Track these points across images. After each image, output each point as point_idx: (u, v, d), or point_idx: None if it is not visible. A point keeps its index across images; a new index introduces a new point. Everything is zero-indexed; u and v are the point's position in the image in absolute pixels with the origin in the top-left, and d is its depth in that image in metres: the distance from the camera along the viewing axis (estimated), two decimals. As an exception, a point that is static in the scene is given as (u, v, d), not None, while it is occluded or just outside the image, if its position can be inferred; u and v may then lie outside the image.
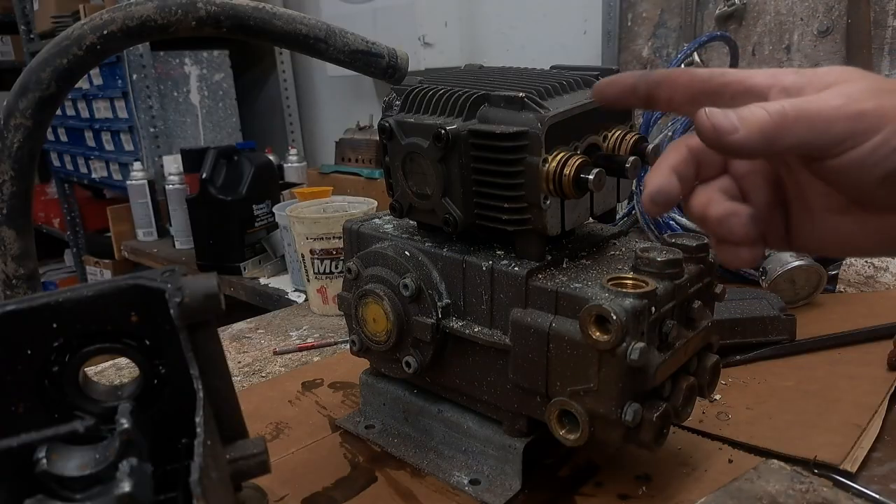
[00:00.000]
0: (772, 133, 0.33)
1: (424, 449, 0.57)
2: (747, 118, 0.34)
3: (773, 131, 0.33)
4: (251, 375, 0.77)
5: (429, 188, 0.50)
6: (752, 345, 0.72)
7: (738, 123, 0.33)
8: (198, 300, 0.29)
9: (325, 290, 0.96)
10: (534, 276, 0.47)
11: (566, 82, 0.50)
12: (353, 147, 2.00)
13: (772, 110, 0.33)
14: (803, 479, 0.50)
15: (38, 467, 0.26)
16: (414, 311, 0.52)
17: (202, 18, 0.47)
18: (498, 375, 0.50)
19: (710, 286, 0.51)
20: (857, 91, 0.34)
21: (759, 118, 0.33)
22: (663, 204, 0.38)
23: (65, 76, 0.44)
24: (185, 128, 2.32)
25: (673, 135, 1.12)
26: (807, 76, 0.36)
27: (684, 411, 0.48)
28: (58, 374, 0.29)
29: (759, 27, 1.30)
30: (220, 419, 0.33)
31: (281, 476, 0.55)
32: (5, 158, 0.44)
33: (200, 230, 1.64)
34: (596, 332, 0.42)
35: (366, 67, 0.55)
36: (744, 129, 0.33)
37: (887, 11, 1.14)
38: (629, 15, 1.49)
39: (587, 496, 0.51)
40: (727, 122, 0.34)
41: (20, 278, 0.46)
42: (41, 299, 0.28)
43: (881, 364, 0.67)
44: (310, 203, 1.03)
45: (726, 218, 0.37)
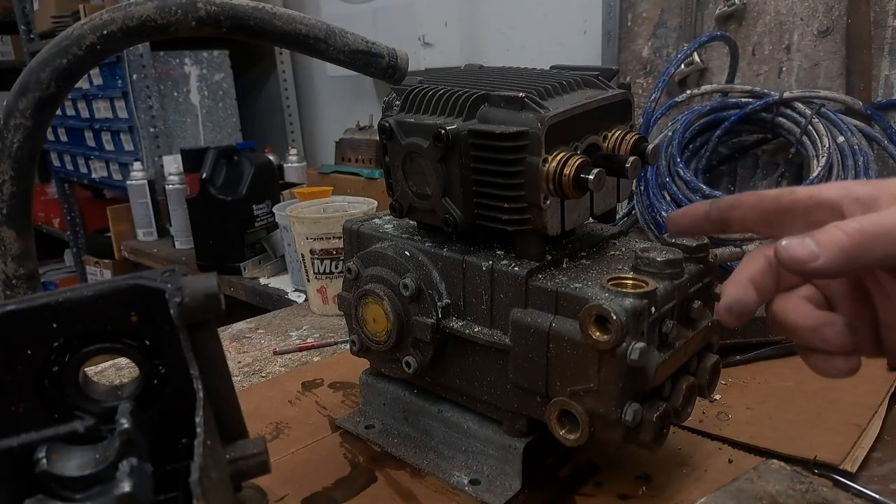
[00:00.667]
0: (854, 253, 0.33)
1: (424, 449, 0.57)
2: (825, 243, 0.33)
3: (854, 251, 0.33)
4: (251, 375, 0.77)
5: (429, 188, 0.50)
6: (752, 345, 0.72)
7: (817, 250, 0.33)
8: (198, 300, 0.29)
9: (325, 290, 0.96)
10: (534, 276, 0.47)
11: (566, 82, 0.50)
12: (353, 147, 2.00)
13: (850, 230, 0.33)
14: (803, 479, 0.50)
15: (38, 467, 0.26)
16: (414, 311, 0.52)
17: (202, 18, 0.47)
18: (498, 375, 0.50)
19: (710, 286, 0.51)
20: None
21: (839, 241, 0.33)
22: (739, 314, 0.38)
23: (65, 76, 0.44)
24: (185, 128, 2.32)
25: (673, 134, 1.12)
26: (879, 187, 0.35)
27: (684, 411, 0.48)
28: (58, 374, 0.29)
29: (759, 27, 1.30)
30: (220, 419, 0.33)
31: (281, 476, 0.55)
32: (5, 158, 0.44)
33: (200, 230, 1.64)
34: (596, 332, 0.42)
35: (366, 67, 0.55)
36: (825, 255, 0.33)
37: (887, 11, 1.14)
38: (629, 15, 1.49)
39: (587, 496, 0.51)
40: (806, 251, 0.33)
41: (20, 278, 0.46)
42: (41, 299, 0.28)
43: (881, 364, 0.67)
44: (310, 203, 1.03)
45: (819, 327, 0.37)
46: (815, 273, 0.34)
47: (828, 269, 0.33)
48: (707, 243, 0.50)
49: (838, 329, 0.36)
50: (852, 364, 0.37)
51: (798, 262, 0.33)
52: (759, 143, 1.22)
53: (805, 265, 0.33)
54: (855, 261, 0.33)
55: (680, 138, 1.11)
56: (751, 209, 0.40)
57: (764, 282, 0.38)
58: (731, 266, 0.95)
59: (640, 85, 1.50)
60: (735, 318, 0.38)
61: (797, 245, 0.34)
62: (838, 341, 0.36)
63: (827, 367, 0.37)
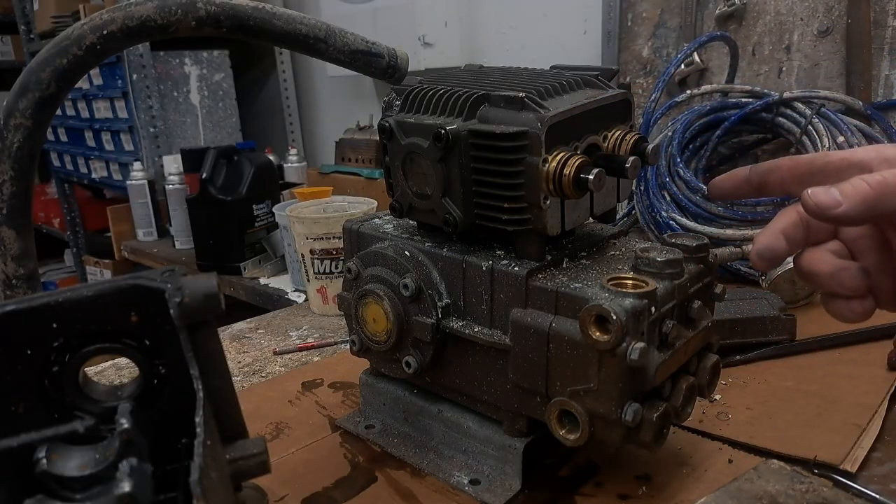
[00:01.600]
0: (874, 201, 0.36)
1: (424, 449, 0.57)
2: (848, 191, 0.37)
3: (874, 199, 0.36)
4: (251, 375, 0.77)
5: (429, 188, 0.50)
6: (752, 345, 0.72)
7: (840, 198, 0.37)
8: (198, 300, 0.29)
9: (325, 290, 0.96)
10: (534, 276, 0.47)
11: (566, 82, 0.50)
12: (353, 147, 2.00)
13: (872, 181, 0.36)
14: (803, 479, 0.50)
15: (38, 467, 0.26)
16: (414, 311, 0.52)
17: (202, 18, 0.47)
18: (498, 375, 0.50)
19: (710, 286, 0.51)
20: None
21: (861, 190, 0.36)
22: (770, 260, 0.41)
23: (65, 76, 0.44)
24: (185, 128, 2.32)
25: (673, 134, 1.12)
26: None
27: (684, 411, 0.48)
28: (58, 374, 0.29)
29: (759, 27, 1.30)
30: (220, 419, 0.33)
31: (281, 476, 0.55)
32: (5, 158, 0.44)
33: (200, 230, 1.64)
34: (596, 332, 0.42)
35: (366, 67, 0.55)
36: (847, 202, 0.36)
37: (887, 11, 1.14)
38: (629, 15, 1.49)
39: (587, 496, 0.51)
40: (830, 198, 0.37)
41: (20, 278, 0.46)
42: (41, 299, 0.28)
43: (881, 364, 0.67)
44: (310, 203, 1.03)
45: (836, 272, 0.40)
46: (838, 219, 0.37)
47: (849, 215, 0.36)
48: (707, 243, 0.50)
49: (853, 273, 0.40)
50: (866, 307, 0.41)
51: (822, 207, 0.37)
52: (759, 143, 1.22)
53: (828, 211, 0.37)
54: (875, 208, 0.36)
55: (680, 138, 1.11)
56: (787, 172, 0.43)
57: (794, 233, 0.41)
58: (731, 266, 0.96)
59: (640, 85, 1.50)
60: (765, 264, 0.41)
61: (822, 193, 0.37)
62: (853, 284, 0.40)
63: (844, 311, 0.41)
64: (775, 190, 0.44)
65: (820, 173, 0.41)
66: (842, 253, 0.42)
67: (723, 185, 0.47)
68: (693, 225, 1.00)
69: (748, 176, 0.45)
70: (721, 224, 0.99)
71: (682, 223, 1.02)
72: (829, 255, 0.41)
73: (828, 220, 0.38)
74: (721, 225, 0.98)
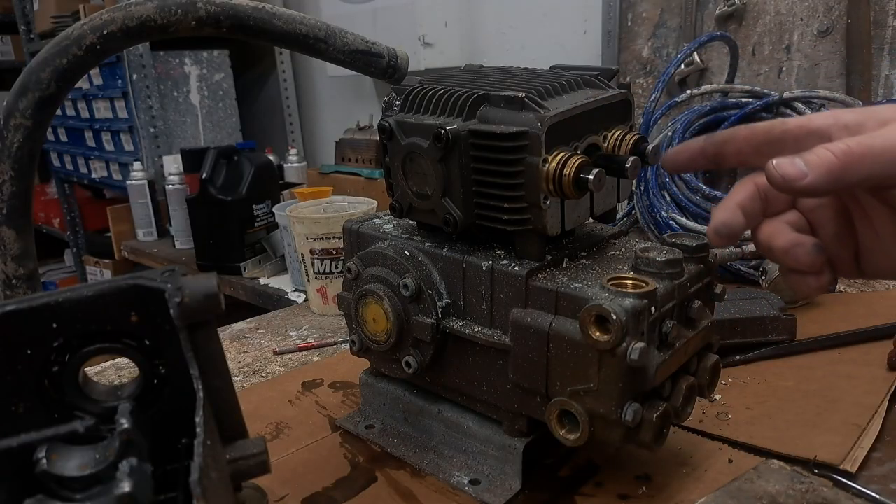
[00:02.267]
0: (839, 172, 0.35)
1: (424, 449, 0.57)
2: (814, 161, 0.35)
3: (840, 170, 0.35)
4: (251, 375, 0.77)
5: (429, 188, 0.50)
6: (752, 345, 0.72)
7: (805, 169, 0.35)
8: (198, 300, 0.29)
9: (325, 290, 0.96)
10: (534, 276, 0.47)
11: (566, 82, 0.50)
12: (353, 147, 2.00)
13: (837, 150, 0.35)
14: (803, 479, 0.50)
15: (38, 467, 0.26)
16: (414, 311, 0.52)
17: (202, 18, 0.47)
18: (498, 375, 0.50)
19: (710, 286, 0.51)
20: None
21: (826, 160, 0.35)
22: (727, 236, 0.40)
23: (65, 76, 0.44)
24: (185, 128, 2.32)
25: (673, 134, 1.12)
26: (865, 114, 0.37)
27: (684, 411, 0.48)
28: (58, 374, 0.29)
29: (759, 27, 1.30)
30: (220, 419, 0.33)
31: (281, 476, 0.55)
32: (5, 158, 0.44)
33: (200, 230, 1.64)
34: (596, 332, 0.42)
35: (366, 67, 0.55)
36: (813, 173, 0.35)
37: (887, 11, 1.14)
38: (629, 15, 1.49)
39: (587, 496, 0.51)
40: (795, 169, 0.35)
41: (20, 278, 0.46)
42: (41, 299, 0.28)
43: (881, 364, 0.67)
44: (310, 203, 1.03)
45: (791, 248, 0.39)
46: (803, 191, 0.36)
47: (815, 186, 0.35)
48: (707, 243, 0.50)
49: (808, 250, 0.39)
50: (821, 282, 0.40)
51: (787, 180, 0.36)
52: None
53: (794, 183, 0.35)
54: (840, 179, 0.35)
55: (680, 138, 1.11)
56: (744, 141, 0.42)
57: (752, 206, 0.40)
58: (731, 266, 0.95)
59: (640, 85, 1.50)
60: (722, 240, 0.40)
61: (787, 164, 0.36)
62: (807, 261, 0.39)
63: (800, 285, 0.40)
64: (732, 160, 0.42)
65: (778, 142, 0.40)
66: (800, 223, 0.41)
67: (677, 158, 0.45)
68: (693, 225, 1.00)
69: (703, 146, 0.43)
70: (721, 224, 0.98)
71: (682, 223, 1.02)
72: (787, 228, 0.40)
73: (793, 192, 0.37)
74: (721, 225, 0.98)
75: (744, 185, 0.41)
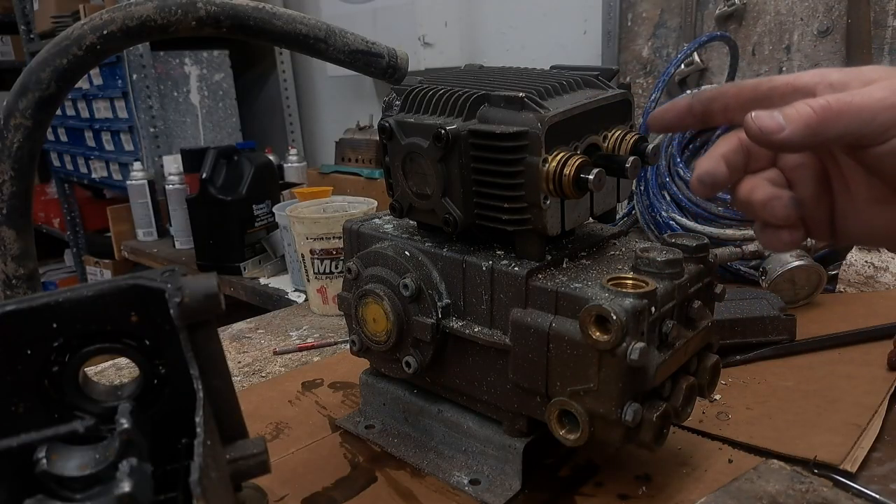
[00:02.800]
0: (816, 126, 0.35)
1: (424, 449, 0.57)
2: (792, 115, 0.36)
3: (817, 124, 0.35)
4: (251, 375, 0.77)
5: (429, 188, 0.50)
6: (752, 345, 0.72)
7: (783, 122, 0.36)
8: (198, 300, 0.29)
9: (325, 290, 0.96)
10: (534, 276, 0.47)
11: (566, 82, 0.50)
12: (353, 147, 2.00)
13: (816, 105, 0.36)
14: (803, 479, 0.50)
15: (38, 467, 0.26)
16: (414, 311, 0.52)
17: (202, 18, 0.47)
18: (498, 375, 0.50)
19: (710, 286, 0.51)
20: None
21: (804, 114, 0.36)
22: (710, 185, 0.40)
23: (65, 76, 0.44)
24: (185, 128, 2.32)
25: (673, 134, 1.12)
26: (851, 73, 0.38)
27: (684, 411, 0.48)
28: (58, 374, 0.29)
29: (759, 27, 1.30)
30: (220, 419, 0.33)
31: (281, 476, 0.55)
32: (5, 158, 0.44)
33: (200, 230, 1.64)
34: (596, 332, 0.42)
35: (366, 67, 0.55)
36: (790, 126, 0.36)
37: (887, 11, 1.14)
38: (629, 15, 1.49)
39: (587, 496, 0.51)
40: (772, 122, 0.36)
41: (20, 278, 0.46)
42: (41, 299, 0.28)
43: (881, 364, 0.67)
44: (310, 203, 1.03)
45: (769, 201, 0.39)
46: (780, 144, 0.36)
47: (792, 140, 0.36)
48: (707, 243, 0.50)
49: (785, 203, 0.39)
50: (795, 237, 0.41)
51: (765, 132, 0.36)
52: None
53: (771, 136, 0.36)
54: (817, 134, 0.35)
55: (680, 138, 1.11)
56: (732, 98, 0.42)
57: (735, 159, 0.41)
58: (731, 266, 0.95)
59: (640, 85, 1.50)
60: (706, 190, 0.41)
61: (765, 117, 0.36)
62: (783, 214, 0.39)
63: (773, 240, 0.41)
64: (719, 118, 0.43)
65: (766, 99, 0.40)
66: (779, 181, 0.41)
67: (664, 117, 0.44)
68: (693, 225, 1.00)
69: (690, 104, 0.43)
70: (721, 224, 0.99)
71: (682, 223, 1.02)
72: (766, 183, 0.41)
73: (770, 144, 0.37)
74: (721, 225, 0.98)
75: (727, 139, 0.41)
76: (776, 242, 0.41)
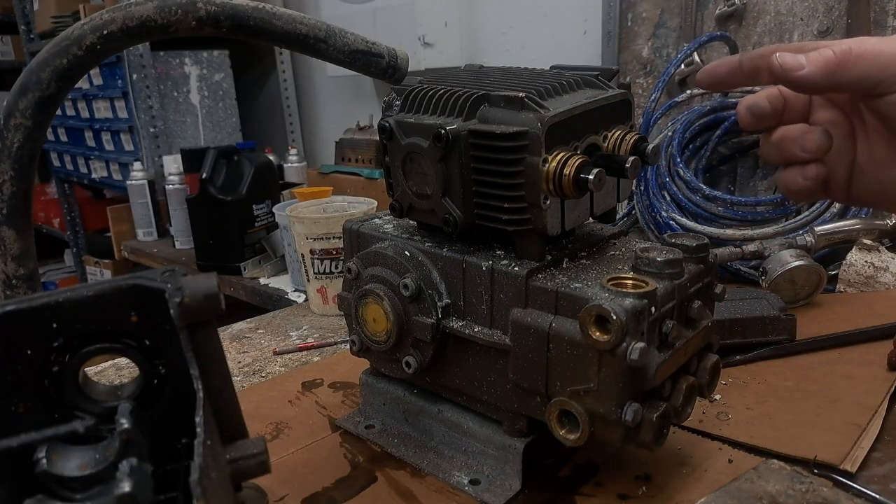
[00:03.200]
0: (834, 67, 0.38)
1: (424, 449, 0.57)
2: (813, 56, 0.39)
3: (836, 66, 0.38)
4: (251, 375, 0.77)
5: (429, 188, 0.50)
6: (752, 345, 0.72)
7: (804, 62, 0.39)
8: (198, 300, 0.29)
9: (325, 290, 0.96)
10: (534, 276, 0.47)
11: (566, 82, 0.50)
12: (353, 147, 2.00)
13: (837, 49, 0.39)
14: (803, 479, 0.50)
15: (38, 467, 0.26)
16: (414, 311, 0.52)
17: (202, 18, 0.47)
18: (498, 375, 0.50)
19: (710, 286, 0.51)
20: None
21: (825, 55, 0.39)
22: (758, 116, 0.44)
23: (65, 76, 0.44)
24: (185, 128, 2.32)
25: (673, 135, 1.12)
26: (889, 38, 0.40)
27: (684, 411, 0.48)
28: (58, 374, 0.29)
29: (759, 27, 1.30)
30: (220, 419, 0.33)
31: (281, 476, 0.55)
32: (5, 158, 0.44)
33: (200, 230, 1.64)
34: (596, 332, 0.42)
35: (366, 67, 0.55)
36: (810, 66, 0.39)
37: (887, 11, 1.14)
38: (629, 15, 1.49)
39: (587, 496, 0.51)
40: (794, 61, 0.39)
41: (20, 278, 0.46)
42: (41, 299, 0.28)
43: (881, 364, 0.67)
44: (310, 203, 1.03)
45: (801, 135, 0.43)
46: (800, 81, 0.40)
47: (810, 79, 0.39)
48: (707, 243, 0.50)
49: (817, 135, 0.42)
50: (819, 171, 0.43)
51: (786, 68, 0.40)
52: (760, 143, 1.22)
53: (791, 72, 0.39)
54: (835, 75, 0.38)
55: (680, 138, 1.11)
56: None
57: (775, 101, 0.44)
58: (731, 266, 0.95)
59: (640, 85, 1.50)
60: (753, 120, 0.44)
61: (788, 56, 0.40)
62: (815, 144, 0.42)
63: (796, 177, 0.44)
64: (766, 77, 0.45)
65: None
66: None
67: (716, 71, 0.46)
68: (693, 225, 1.00)
69: (740, 61, 0.45)
70: (721, 224, 0.99)
71: (682, 223, 1.02)
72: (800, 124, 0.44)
73: (790, 81, 0.40)
74: (721, 225, 0.98)
75: (767, 89, 0.45)
76: (798, 179, 0.43)
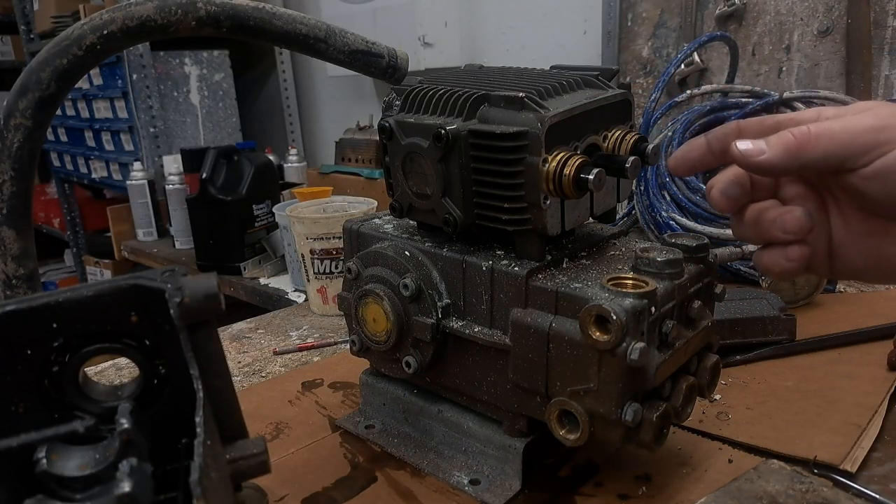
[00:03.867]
0: (795, 150, 0.38)
1: (424, 449, 0.57)
2: (772, 140, 0.39)
3: (796, 149, 0.38)
4: (251, 375, 0.77)
5: (429, 188, 0.50)
6: (752, 345, 0.72)
7: (764, 147, 0.39)
8: (198, 300, 0.29)
9: (325, 290, 0.96)
10: (534, 276, 0.47)
11: (566, 82, 0.50)
12: (353, 147, 2.00)
13: (796, 131, 0.38)
14: (803, 479, 0.50)
15: (38, 467, 0.26)
16: (414, 311, 0.52)
17: (202, 18, 0.47)
18: (498, 375, 0.50)
19: (710, 286, 0.51)
20: (886, 111, 0.38)
21: (784, 139, 0.38)
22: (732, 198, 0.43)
23: (65, 76, 0.44)
24: (185, 128, 2.32)
25: (673, 134, 1.12)
26: (846, 109, 0.40)
27: (684, 411, 0.48)
28: (58, 374, 0.29)
29: (759, 27, 1.30)
30: (220, 419, 0.33)
31: (281, 476, 0.55)
32: (5, 158, 0.44)
33: (200, 230, 1.64)
34: (596, 332, 0.42)
35: (366, 67, 0.55)
36: (770, 150, 0.38)
37: (887, 11, 1.15)
38: (629, 15, 1.49)
39: (587, 496, 0.51)
40: (754, 147, 0.39)
41: (20, 278, 0.46)
42: (41, 299, 0.28)
43: (881, 364, 0.67)
44: (310, 203, 1.03)
45: (780, 216, 0.41)
46: (759, 166, 0.39)
47: (772, 162, 0.38)
48: (707, 243, 0.50)
49: (797, 214, 0.41)
50: (803, 251, 0.41)
51: (746, 155, 0.39)
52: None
53: (751, 158, 0.39)
54: (797, 157, 0.38)
55: (680, 138, 1.11)
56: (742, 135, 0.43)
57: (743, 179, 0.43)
58: (731, 266, 0.95)
59: (640, 85, 1.50)
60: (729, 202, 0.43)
61: (748, 143, 0.40)
62: (796, 226, 0.40)
63: (778, 259, 0.42)
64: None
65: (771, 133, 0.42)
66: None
67: (689, 157, 0.45)
68: (693, 225, 1.00)
69: (708, 143, 0.44)
70: (721, 224, 0.99)
71: (682, 223, 1.02)
72: (774, 203, 0.43)
73: (752, 167, 0.39)
74: (721, 225, 0.98)
75: (731, 168, 0.44)
76: (781, 261, 0.41)
